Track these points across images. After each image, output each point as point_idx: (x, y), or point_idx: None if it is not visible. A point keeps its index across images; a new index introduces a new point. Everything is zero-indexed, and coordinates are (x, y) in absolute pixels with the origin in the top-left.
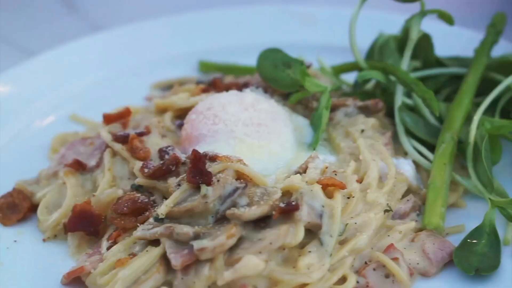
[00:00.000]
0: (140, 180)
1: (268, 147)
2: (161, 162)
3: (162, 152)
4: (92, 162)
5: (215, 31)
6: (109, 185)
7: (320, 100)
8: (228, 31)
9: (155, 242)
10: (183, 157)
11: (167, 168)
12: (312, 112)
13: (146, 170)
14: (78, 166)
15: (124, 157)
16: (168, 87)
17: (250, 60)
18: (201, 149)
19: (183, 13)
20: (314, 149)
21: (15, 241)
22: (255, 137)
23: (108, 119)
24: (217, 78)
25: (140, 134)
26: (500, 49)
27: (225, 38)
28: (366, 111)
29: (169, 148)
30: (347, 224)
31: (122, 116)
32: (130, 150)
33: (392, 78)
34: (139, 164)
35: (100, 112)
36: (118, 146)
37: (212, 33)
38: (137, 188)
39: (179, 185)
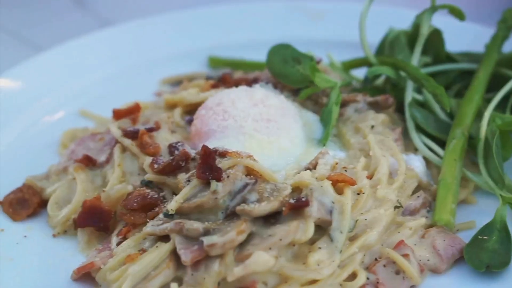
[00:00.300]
0: (149, 176)
1: (278, 143)
2: (171, 157)
3: (172, 147)
4: (102, 158)
5: (225, 27)
6: (119, 180)
7: (330, 95)
8: (237, 26)
9: (165, 238)
10: (192, 152)
11: (176, 163)
12: (322, 108)
13: (155, 166)
14: (88, 162)
15: (134, 153)
16: (177, 82)
17: (259, 55)
18: (210, 145)
19: (192, 8)
20: (324, 145)
21: (25, 236)
22: (264, 132)
23: (118, 114)
24: (227, 74)
25: (150, 130)
26: (511, 45)
27: (234, 34)
28: (376, 107)
29: (179, 143)
30: (357, 220)
31: (132, 112)
32: (140, 145)
33: (402, 73)
34: (148, 159)
35: (110, 108)
36: (127, 142)
37: (221, 28)
38: (147, 183)
39: (189, 181)
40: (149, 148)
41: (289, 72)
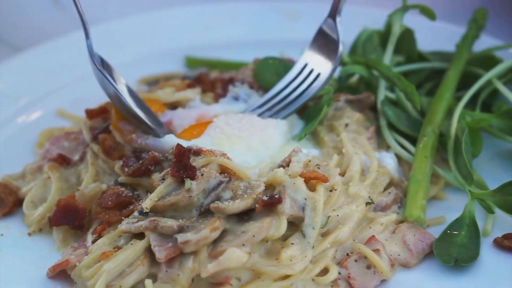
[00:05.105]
0: (122, 178)
1: (250, 138)
2: (140, 162)
3: (136, 152)
4: (76, 157)
5: (201, 27)
6: (93, 179)
7: (322, 98)
8: (214, 26)
9: (139, 236)
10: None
11: (146, 168)
12: (309, 107)
13: (126, 170)
14: (62, 161)
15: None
16: (154, 82)
17: (236, 55)
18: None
19: (169, 8)
20: (298, 142)
21: (1, 235)
22: (236, 126)
23: (91, 114)
24: (203, 73)
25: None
26: (481, 44)
27: (211, 34)
28: (358, 105)
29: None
30: (329, 216)
31: (105, 111)
32: (104, 152)
33: (375, 72)
34: (119, 163)
35: (87, 107)
36: (96, 148)
37: (198, 28)
38: (121, 184)
39: (163, 179)
40: (114, 154)
41: None
